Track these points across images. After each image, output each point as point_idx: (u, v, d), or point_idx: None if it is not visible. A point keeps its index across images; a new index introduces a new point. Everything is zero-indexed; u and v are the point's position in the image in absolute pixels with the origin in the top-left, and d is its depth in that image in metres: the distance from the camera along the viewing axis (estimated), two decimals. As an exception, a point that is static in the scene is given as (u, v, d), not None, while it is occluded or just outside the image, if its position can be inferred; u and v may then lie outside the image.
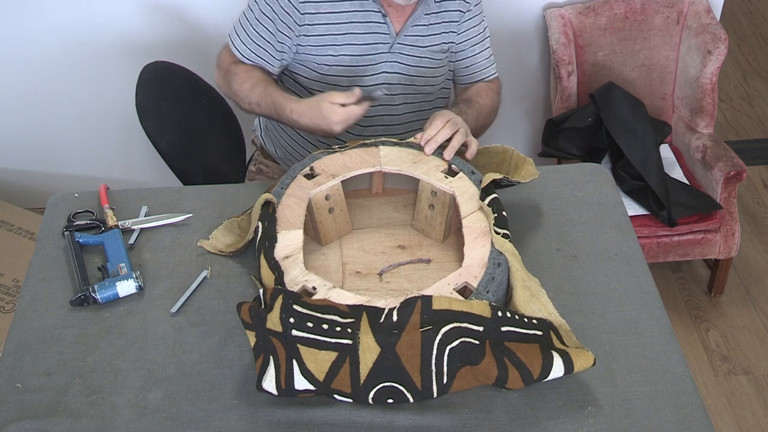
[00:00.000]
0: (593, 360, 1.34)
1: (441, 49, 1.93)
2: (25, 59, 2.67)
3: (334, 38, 1.84)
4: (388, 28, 1.85)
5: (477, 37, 1.96)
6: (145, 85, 2.07)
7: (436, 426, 1.33)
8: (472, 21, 1.93)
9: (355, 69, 1.87)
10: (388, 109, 1.94)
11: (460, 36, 1.94)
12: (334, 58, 1.86)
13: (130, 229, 1.65)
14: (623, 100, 2.52)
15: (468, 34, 1.94)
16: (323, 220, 1.61)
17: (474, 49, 1.96)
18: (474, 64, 1.98)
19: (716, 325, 2.61)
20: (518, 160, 1.67)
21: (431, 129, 1.65)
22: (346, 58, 1.86)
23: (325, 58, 1.86)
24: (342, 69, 1.87)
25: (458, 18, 1.91)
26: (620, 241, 1.63)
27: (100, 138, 2.87)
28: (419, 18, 1.87)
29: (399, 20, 1.86)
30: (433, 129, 1.65)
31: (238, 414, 1.35)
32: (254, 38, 1.86)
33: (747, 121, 3.38)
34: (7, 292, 2.44)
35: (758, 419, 2.35)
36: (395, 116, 1.96)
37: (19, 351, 1.44)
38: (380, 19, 1.84)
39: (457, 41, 1.94)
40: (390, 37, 1.86)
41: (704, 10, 2.59)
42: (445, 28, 1.91)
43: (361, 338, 1.30)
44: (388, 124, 1.96)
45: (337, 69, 1.87)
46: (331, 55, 1.85)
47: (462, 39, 1.94)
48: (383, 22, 1.85)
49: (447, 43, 1.93)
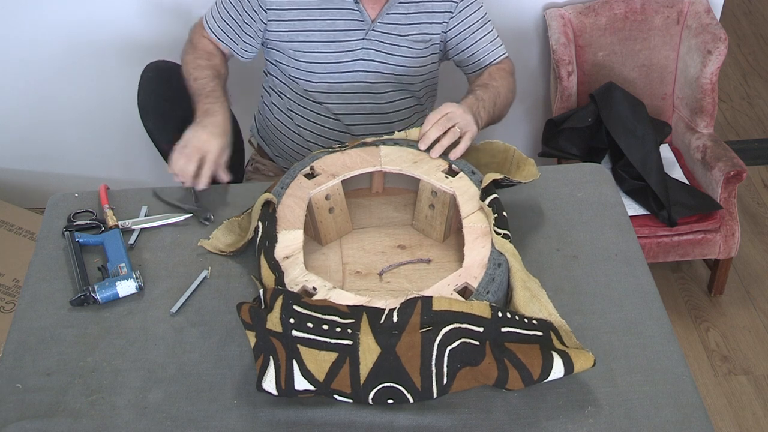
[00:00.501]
0: (593, 361, 1.34)
1: (422, 39, 1.93)
2: (25, 59, 2.67)
3: (305, 23, 1.87)
4: (362, 15, 1.87)
5: (477, 23, 1.96)
6: (147, 85, 2.07)
7: (436, 426, 1.33)
8: (468, 9, 1.94)
9: (329, 55, 1.90)
10: (373, 97, 1.96)
11: (457, 27, 1.94)
12: (307, 44, 1.88)
13: (130, 229, 1.65)
14: (623, 100, 2.52)
15: (467, 23, 1.95)
16: (323, 219, 1.61)
17: (476, 35, 1.96)
18: (479, 50, 1.97)
19: (716, 325, 2.61)
20: (519, 160, 1.67)
21: (424, 125, 1.66)
22: (319, 44, 1.89)
23: (297, 44, 1.89)
24: (316, 55, 1.90)
25: (451, 9, 1.92)
26: (620, 241, 1.63)
27: (100, 138, 2.87)
28: (394, 6, 1.88)
29: (374, 7, 1.88)
30: (425, 125, 1.66)
31: (238, 414, 1.35)
32: (224, 17, 1.92)
33: (747, 121, 3.38)
34: (7, 292, 2.44)
35: (758, 419, 2.35)
36: (381, 105, 1.98)
37: (19, 351, 1.44)
38: (352, 5, 1.86)
39: (455, 33, 1.95)
40: (365, 24, 1.88)
41: (704, 10, 2.59)
42: (428, 18, 1.92)
43: (362, 339, 1.30)
44: (380, 112, 1.98)
45: (311, 56, 1.90)
46: (302, 41, 1.88)
47: (461, 29, 1.95)
48: (356, 9, 1.87)
49: (430, 34, 1.94)
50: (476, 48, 1.97)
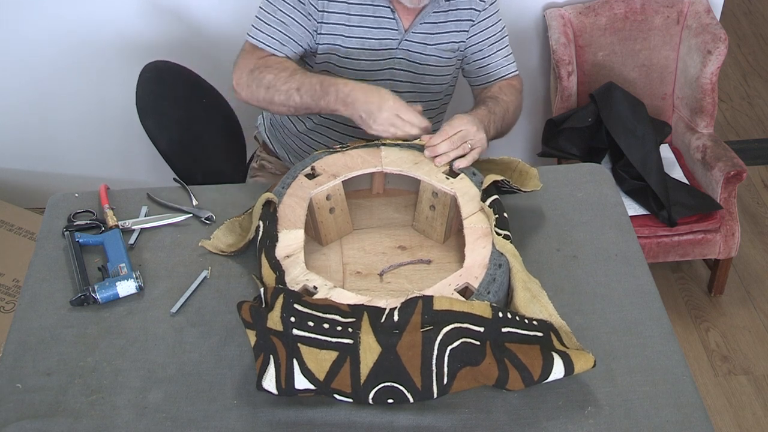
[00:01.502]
0: (593, 362, 1.34)
1: (450, 48, 1.93)
2: (25, 59, 2.67)
3: (346, 29, 1.85)
4: (396, 24, 1.86)
5: (495, 36, 1.95)
6: (145, 85, 2.07)
7: (436, 426, 1.33)
8: (488, 20, 1.93)
9: (363, 63, 1.88)
10: None
11: (476, 36, 1.93)
12: (344, 50, 1.86)
13: (130, 229, 1.65)
14: (623, 100, 2.52)
15: (485, 34, 1.94)
16: (324, 220, 1.61)
17: (492, 48, 1.95)
18: (492, 63, 1.96)
19: (716, 325, 2.61)
20: (523, 170, 1.67)
21: (436, 136, 1.63)
22: (355, 51, 1.87)
23: (334, 47, 1.86)
24: (350, 62, 1.88)
25: (472, 17, 1.91)
26: (620, 241, 1.63)
27: (100, 138, 2.87)
28: (428, 15, 1.87)
29: (408, 17, 1.87)
30: (437, 136, 1.63)
31: (238, 414, 1.34)
32: (280, 28, 1.82)
33: (747, 121, 3.38)
34: (7, 292, 2.44)
35: (758, 419, 2.35)
36: None
37: (19, 351, 1.44)
38: (389, 14, 1.85)
39: (473, 42, 1.94)
40: (399, 33, 1.87)
41: (704, 10, 2.59)
42: (455, 27, 1.91)
43: (362, 338, 1.30)
44: None
45: (345, 61, 1.88)
46: (339, 45, 1.86)
47: (479, 39, 1.94)
48: (392, 18, 1.85)
49: (457, 42, 1.93)
50: (490, 61, 1.96)
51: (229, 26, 2.64)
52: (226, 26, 2.65)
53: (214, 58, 2.51)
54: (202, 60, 2.41)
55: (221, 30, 2.66)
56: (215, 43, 2.67)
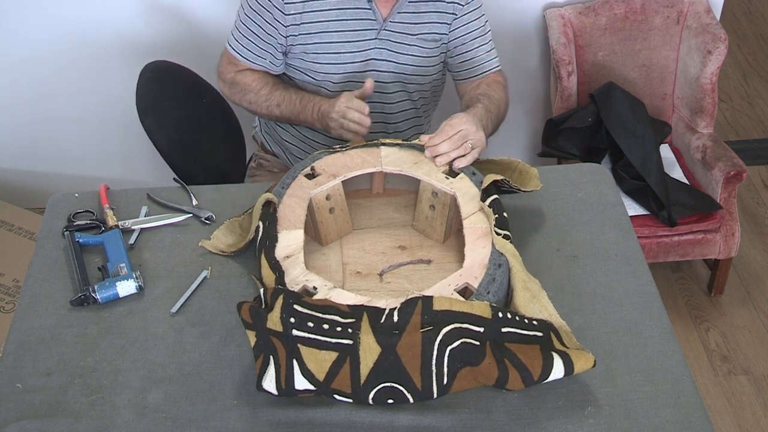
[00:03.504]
0: (593, 362, 1.34)
1: (432, 38, 1.93)
2: (25, 58, 2.67)
3: (321, 25, 1.86)
4: (374, 14, 1.87)
5: (478, 30, 1.95)
6: (145, 84, 2.07)
7: (436, 426, 1.33)
8: (471, 14, 1.94)
9: (343, 56, 1.89)
10: (382, 97, 1.95)
11: (459, 30, 1.94)
12: (324, 45, 1.88)
13: (130, 229, 1.65)
14: (623, 100, 2.52)
15: (468, 28, 1.94)
16: (324, 220, 1.61)
17: (475, 42, 1.96)
18: (475, 57, 1.97)
19: (716, 325, 2.61)
20: (523, 170, 1.67)
21: (436, 136, 1.63)
22: (335, 45, 1.88)
23: (313, 46, 1.88)
24: (331, 56, 1.89)
25: (456, 11, 1.92)
26: (620, 241, 1.63)
27: (100, 137, 2.87)
28: (404, 4, 1.88)
29: (386, 6, 1.88)
30: (438, 136, 1.63)
31: (238, 414, 1.35)
32: (253, 39, 1.89)
33: (747, 121, 3.38)
34: (7, 292, 2.44)
35: (758, 419, 2.35)
36: (390, 105, 1.97)
37: (19, 351, 1.44)
38: (366, 5, 1.86)
39: (456, 35, 1.94)
40: (377, 23, 1.88)
41: (704, 10, 2.59)
42: (437, 18, 1.91)
43: (362, 338, 1.30)
44: (387, 112, 1.97)
45: (327, 56, 1.89)
46: (318, 43, 1.88)
47: (462, 32, 1.94)
48: (369, 8, 1.86)
49: (439, 33, 1.94)
50: (473, 55, 1.97)
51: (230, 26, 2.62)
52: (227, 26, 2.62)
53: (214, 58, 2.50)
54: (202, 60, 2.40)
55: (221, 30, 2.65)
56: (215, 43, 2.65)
